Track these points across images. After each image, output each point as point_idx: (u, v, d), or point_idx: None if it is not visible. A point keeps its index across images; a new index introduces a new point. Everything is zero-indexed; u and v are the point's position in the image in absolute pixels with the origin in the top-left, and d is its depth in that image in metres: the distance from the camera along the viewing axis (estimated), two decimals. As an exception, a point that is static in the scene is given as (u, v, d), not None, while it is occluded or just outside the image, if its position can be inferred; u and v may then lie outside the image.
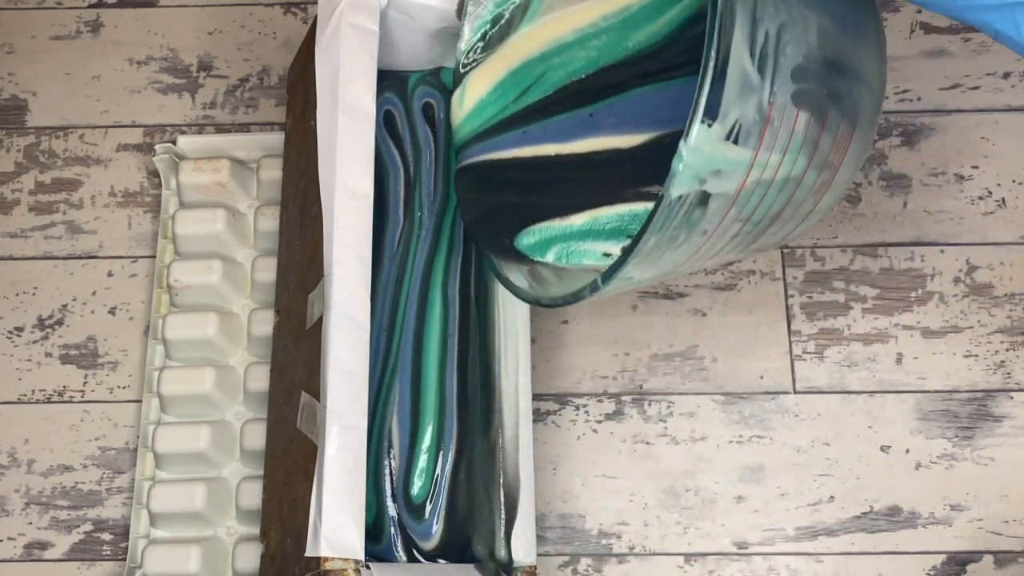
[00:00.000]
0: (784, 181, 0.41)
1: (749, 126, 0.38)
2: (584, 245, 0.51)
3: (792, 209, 0.44)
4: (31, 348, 0.63)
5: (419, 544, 0.51)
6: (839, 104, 0.42)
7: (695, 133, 0.37)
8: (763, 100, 0.38)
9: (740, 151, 0.39)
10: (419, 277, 0.55)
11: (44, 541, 0.60)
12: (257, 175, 0.64)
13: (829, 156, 0.43)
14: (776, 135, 0.39)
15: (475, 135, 0.55)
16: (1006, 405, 0.60)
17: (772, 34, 0.38)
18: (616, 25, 0.54)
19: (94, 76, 0.69)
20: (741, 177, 0.39)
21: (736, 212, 0.41)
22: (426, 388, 0.53)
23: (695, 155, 0.37)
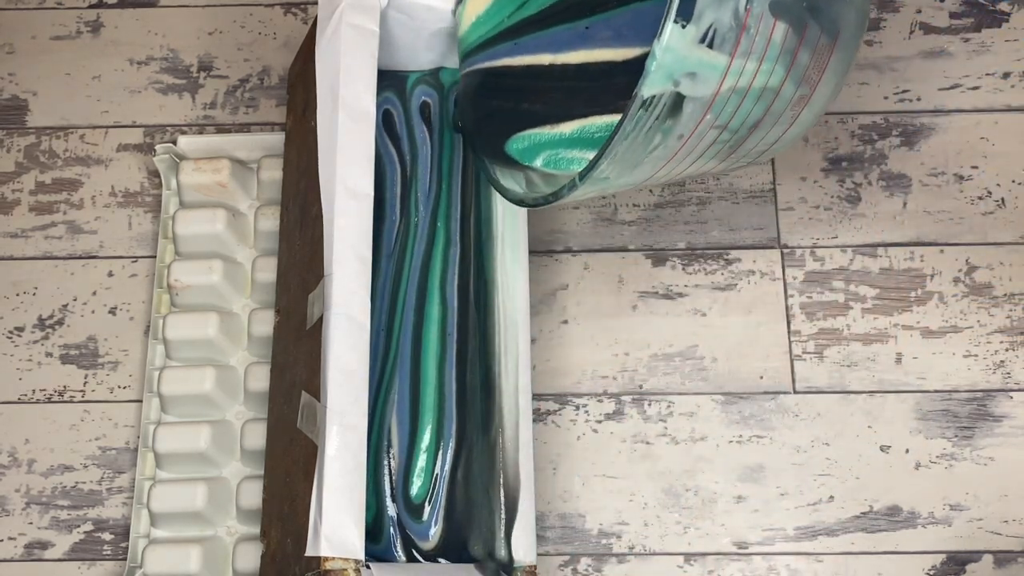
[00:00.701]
0: (761, 90, 0.42)
1: (724, 31, 0.38)
2: (572, 152, 0.51)
3: (771, 120, 0.44)
4: (31, 348, 0.63)
5: (418, 544, 0.51)
6: (819, 18, 0.42)
7: (668, 33, 0.37)
8: (739, 6, 0.39)
9: (715, 55, 0.39)
10: (417, 276, 0.55)
11: (44, 541, 0.60)
12: (257, 175, 0.64)
13: (808, 70, 0.43)
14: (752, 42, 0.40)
15: (476, 45, 0.55)
16: (1006, 405, 0.60)
17: None
18: None
19: (94, 76, 0.69)
20: (716, 82, 0.40)
21: (712, 118, 0.41)
22: (425, 387, 0.53)
23: (668, 55, 0.38)
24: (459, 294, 0.55)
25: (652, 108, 0.39)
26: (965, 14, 0.68)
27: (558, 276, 0.63)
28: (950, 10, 0.68)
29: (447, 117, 0.58)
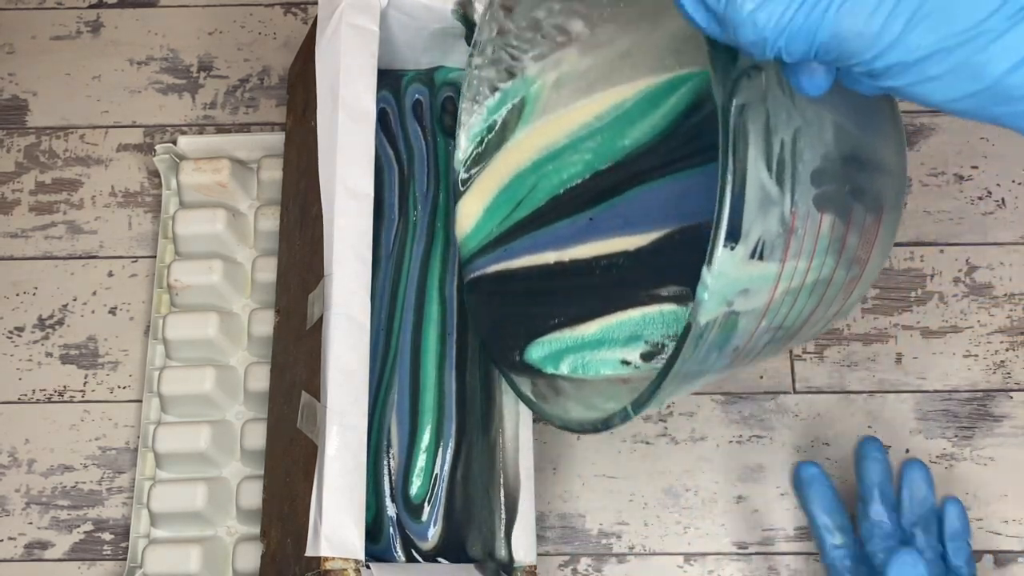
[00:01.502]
0: (814, 284, 0.40)
1: (773, 239, 0.36)
2: (599, 354, 0.49)
3: (823, 309, 0.42)
4: (31, 348, 0.63)
5: (418, 544, 0.51)
6: (862, 199, 0.40)
7: (718, 259, 0.35)
8: (785, 211, 0.36)
9: (766, 266, 0.37)
10: (416, 275, 0.55)
11: (44, 541, 0.60)
12: (257, 175, 0.64)
13: (857, 251, 0.41)
14: (802, 243, 0.38)
15: (477, 250, 0.54)
16: (1006, 405, 0.60)
17: (788, 141, 0.36)
18: (611, 124, 0.53)
19: (94, 76, 0.69)
20: (769, 291, 0.38)
21: (767, 324, 0.39)
22: (425, 387, 0.53)
23: (720, 280, 0.36)
24: (459, 294, 0.55)
25: (707, 333, 0.37)
26: (965, 14, 0.68)
27: (558, 276, 0.63)
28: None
29: (436, 115, 0.58)
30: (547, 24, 0.51)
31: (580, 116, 0.53)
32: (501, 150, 0.54)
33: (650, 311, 0.49)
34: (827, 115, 0.38)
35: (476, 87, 0.54)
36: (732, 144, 0.34)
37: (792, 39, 0.31)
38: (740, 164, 0.35)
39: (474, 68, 0.53)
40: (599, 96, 0.53)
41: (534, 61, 0.53)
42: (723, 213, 0.35)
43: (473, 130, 0.54)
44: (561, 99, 0.53)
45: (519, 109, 0.54)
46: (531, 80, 0.53)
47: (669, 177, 0.51)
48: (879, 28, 0.30)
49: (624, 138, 0.52)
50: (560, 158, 0.54)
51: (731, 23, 0.32)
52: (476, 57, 0.53)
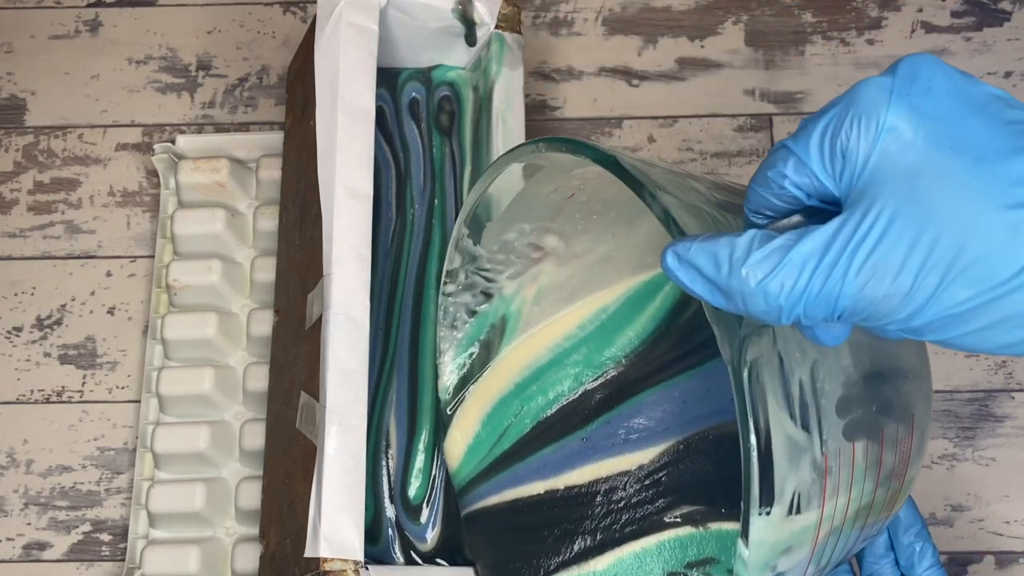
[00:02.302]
0: (856, 513, 0.37)
1: (809, 488, 0.34)
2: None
3: (868, 530, 0.39)
4: (30, 348, 0.63)
5: (416, 546, 0.51)
6: (892, 413, 0.38)
7: (755, 531, 0.32)
8: (816, 455, 0.34)
9: (805, 517, 0.34)
10: (414, 273, 0.55)
11: (43, 541, 0.59)
12: (256, 175, 0.64)
13: (895, 467, 0.38)
14: (838, 480, 0.35)
15: (468, 482, 0.51)
16: (1007, 405, 0.60)
17: (806, 380, 0.34)
18: (595, 332, 0.50)
19: (93, 76, 0.69)
20: (812, 540, 0.35)
21: (814, 569, 0.37)
22: (423, 387, 0.53)
23: (759, 551, 0.33)
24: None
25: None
26: (966, 13, 0.68)
27: (558, 276, 0.63)
28: (951, 9, 0.68)
29: (432, 113, 0.58)
30: (519, 244, 0.48)
31: (561, 328, 0.50)
32: (483, 373, 0.51)
33: (667, 536, 0.46)
34: None
35: (452, 314, 0.51)
36: (750, 406, 0.31)
37: (811, 307, 0.28)
38: (762, 422, 0.32)
39: (448, 296, 0.50)
40: (580, 304, 0.50)
41: (510, 280, 0.50)
42: (752, 481, 0.32)
43: (455, 357, 0.51)
44: (543, 311, 0.50)
45: (501, 329, 0.51)
46: (509, 298, 0.50)
47: (666, 384, 0.48)
48: (909, 287, 0.27)
49: (611, 346, 0.50)
50: (544, 376, 0.50)
51: (739, 294, 0.29)
52: (448, 285, 0.50)
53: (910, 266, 0.27)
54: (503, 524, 0.49)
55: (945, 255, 0.26)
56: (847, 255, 0.27)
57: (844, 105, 0.29)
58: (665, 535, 0.46)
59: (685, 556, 0.46)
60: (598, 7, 0.69)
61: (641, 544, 0.46)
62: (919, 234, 0.27)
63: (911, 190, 0.27)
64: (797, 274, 0.28)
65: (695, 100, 0.67)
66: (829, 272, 0.27)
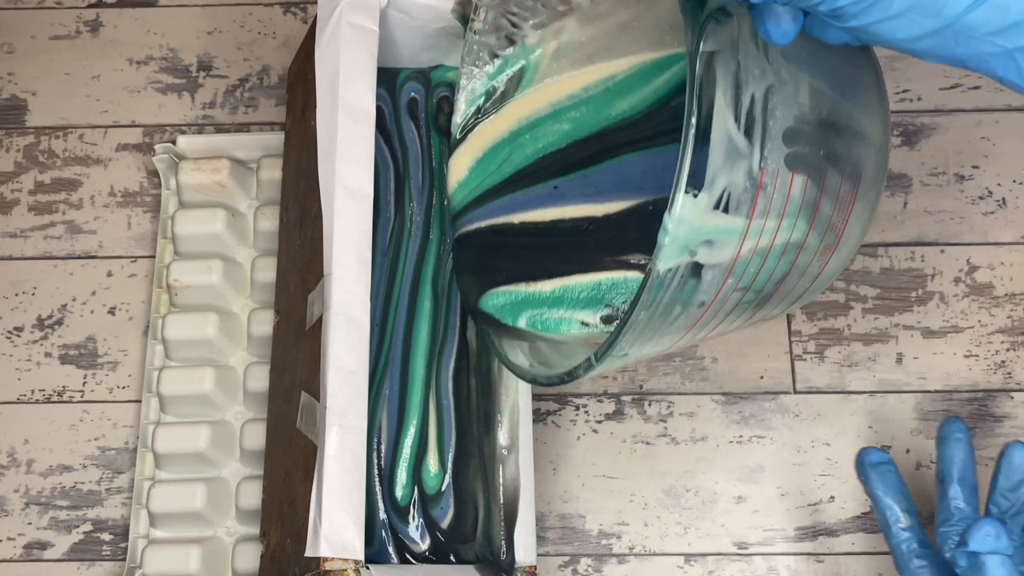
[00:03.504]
0: (784, 247, 0.40)
1: (739, 193, 0.36)
2: (557, 313, 0.49)
3: (797, 274, 0.42)
4: (31, 348, 0.63)
5: (410, 547, 0.51)
6: (838, 165, 0.40)
7: (679, 204, 0.35)
8: (753, 165, 0.37)
9: (731, 219, 0.37)
10: (410, 272, 0.55)
11: (44, 541, 0.59)
12: (257, 175, 0.64)
13: (832, 218, 0.41)
14: (770, 201, 0.38)
15: (459, 210, 0.55)
16: (1007, 405, 0.60)
17: (759, 97, 0.37)
18: (598, 96, 0.53)
19: (94, 76, 0.69)
20: (735, 246, 0.38)
21: (734, 282, 0.39)
22: (412, 385, 0.53)
23: (681, 226, 0.36)
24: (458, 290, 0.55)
25: (669, 281, 0.37)
26: (965, 14, 0.68)
27: (558, 276, 0.63)
28: (950, 10, 0.68)
29: (431, 113, 0.58)
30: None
31: (567, 87, 0.53)
32: (489, 117, 0.55)
33: (613, 276, 0.49)
34: (804, 77, 0.38)
35: (476, 52, 0.54)
36: (699, 88, 0.34)
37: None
38: (705, 108, 0.35)
39: (474, 33, 0.53)
40: (593, 68, 0.53)
41: (534, 29, 0.53)
42: (686, 157, 0.35)
43: (471, 95, 0.55)
44: (560, 68, 0.53)
45: (518, 77, 0.54)
46: (531, 48, 0.53)
47: (651, 150, 0.51)
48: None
49: (609, 109, 0.52)
50: (539, 128, 0.54)
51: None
52: (476, 22, 0.53)
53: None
54: (481, 243, 0.53)
55: None
56: None
57: None
58: (612, 274, 0.49)
59: (630, 295, 0.48)
60: (598, 7, 0.69)
61: (588, 277, 0.49)
62: None
63: None
64: None
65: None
66: None
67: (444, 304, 0.55)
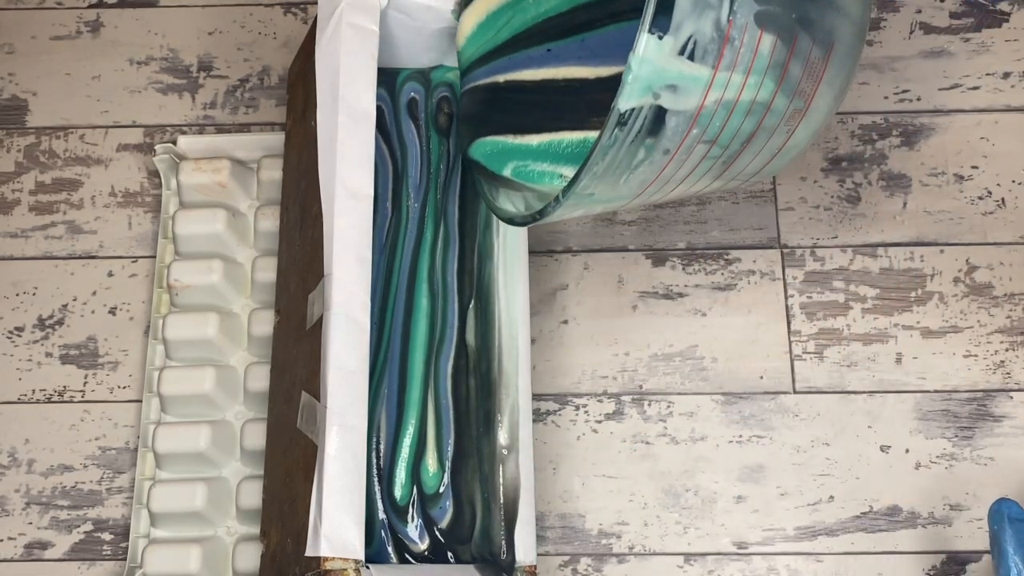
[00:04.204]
0: (750, 104, 0.40)
1: (705, 43, 0.37)
2: (540, 165, 0.51)
3: (765, 135, 0.43)
4: (31, 348, 0.63)
5: (409, 547, 0.51)
6: (810, 29, 0.41)
7: (643, 43, 0.36)
8: (721, 17, 0.37)
9: (696, 67, 0.38)
10: (407, 269, 0.55)
11: (44, 541, 0.60)
12: (257, 175, 0.64)
13: (801, 83, 0.42)
14: (737, 54, 0.38)
15: (465, 68, 0.56)
16: (1006, 405, 0.60)
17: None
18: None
19: (94, 76, 0.69)
20: (699, 95, 0.38)
21: (699, 132, 0.40)
22: (411, 382, 0.53)
23: (644, 67, 0.37)
24: (458, 291, 0.55)
25: (632, 121, 0.38)
26: (965, 14, 0.68)
27: (558, 276, 0.63)
28: (950, 10, 0.68)
29: (431, 113, 0.58)
30: None
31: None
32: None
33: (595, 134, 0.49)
34: None
35: None
36: None
37: None
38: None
39: None
40: None
41: None
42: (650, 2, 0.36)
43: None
44: None
45: None
46: None
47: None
48: None
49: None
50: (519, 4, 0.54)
51: None
52: None
53: None
54: (480, 98, 0.54)
55: None
56: None
57: None
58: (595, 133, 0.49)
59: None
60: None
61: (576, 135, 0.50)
62: None
63: None
64: None
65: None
66: None
67: (441, 302, 0.55)
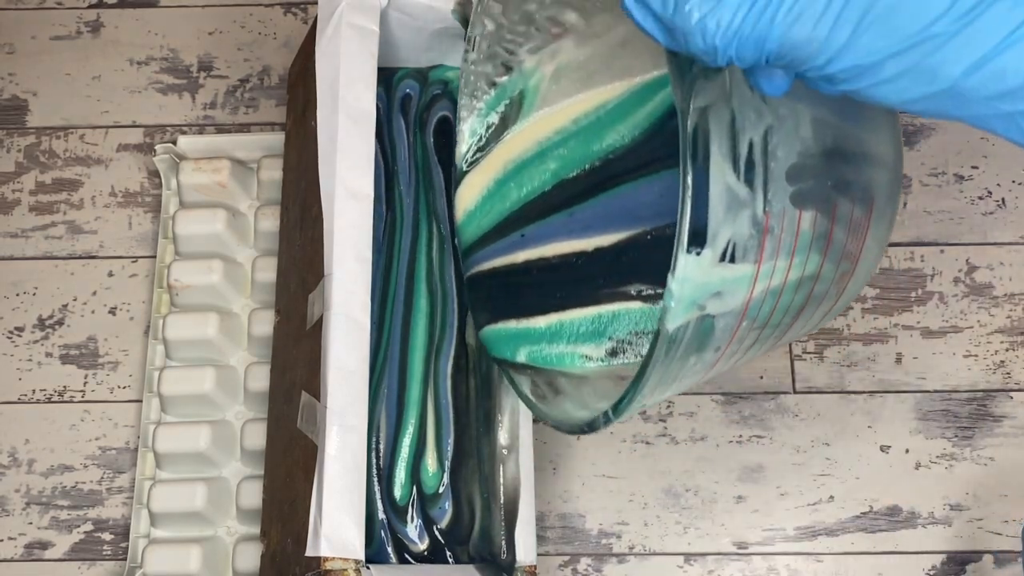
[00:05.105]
0: (798, 281, 0.38)
1: (745, 241, 0.35)
2: (556, 348, 0.49)
3: (814, 304, 0.41)
4: (31, 348, 0.63)
5: (409, 547, 0.51)
6: (848, 192, 0.39)
7: (681, 265, 0.34)
8: (757, 211, 0.35)
9: (739, 268, 0.35)
10: (404, 268, 0.55)
11: (44, 541, 0.60)
12: (257, 175, 0.64)
13: (847, 246, 0.40)
14: (779, 242, 0.36)
15: (463, 252, 0.54)
16: (1006, 405, 0.60)
17: (757, 141, 0.35)
18: (588, 127, 0.51)
19: (94, 76, 0.69)
20: (746, 291, 0.36)
21: (748, 323, 0.38)
22: (411, 382, 0.53)
23: (686, 286, 0.35)
24: (458, 291, 0.55)
25: (679, 337, 0.36)
26: (965, 14, 0.68)
27: (558, 276, 0.63)
28: (950, 10, 0.68)
29: (419, 111, 0.58)
30: (540, 16, 0.50)
31: (558, 120, 0.52)
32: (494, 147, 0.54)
33: (613, 308, 0.48)
34: (804, 109, 0.37)
35: (473, 83, 0.53)
36: (692, 148, 0.33)
37: (742, 47, 0.30)
38: (700, 169, 0.33)
39: (470, 64, 0.52)
40: (586, 96, 0.52)
41: (530, 54, 0.52)
42: (684, 220, 0.34)
43: (472, 127, 0.54)
44: (561, 90, 0.52)
45: (518, 103, 0.53)
46: (529, 72, 0.53)
47: (648, 177, 0.50)
48: (827, 33, 0.29)
49: (601, 141, 0.51)
50: (524, 171, 0.53)
51: (680, 32, 0.31)
52: (471, 53, 0.52)
53: (829, 14, 0.29)
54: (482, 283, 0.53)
55: (861, 4, 0.29)
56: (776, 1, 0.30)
57: None
58: (611, 307, 0.48)
59: (633, 326, 0.48)
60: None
61: (587, 312, 0.49)
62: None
63: None
64: (732, 14, 0.30)
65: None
66: (760, 16, 0.30)
67: (440, 301, 0.55)
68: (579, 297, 0.49)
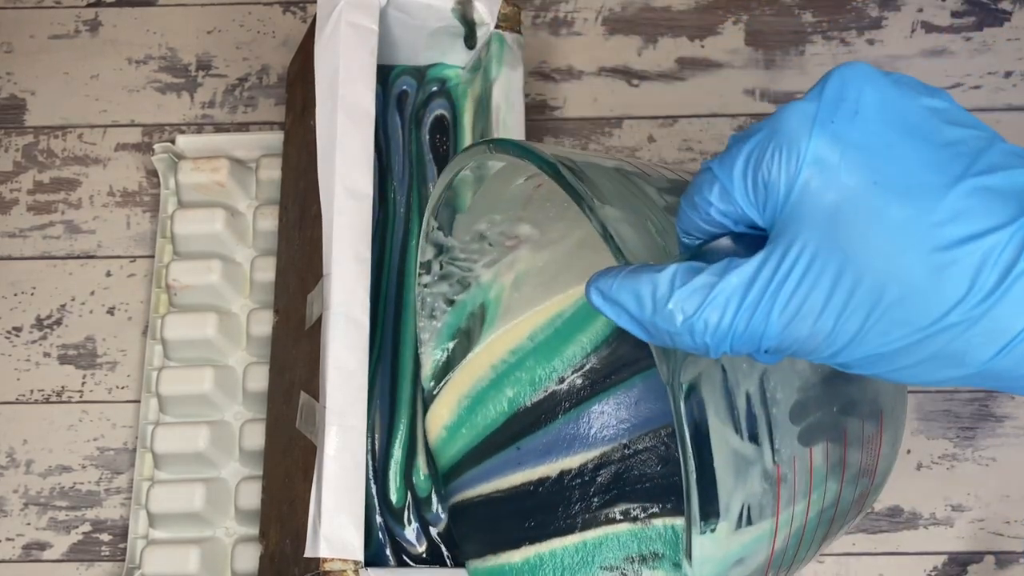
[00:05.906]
0: (819, 514, 0.36)
1: (760, 499, 0.33)
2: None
3: (839, 524, 0.39)
4: (29, 348, 0.63)
5: (407, 549, 0.51)
6: (856, 411, 0.37)
7: (697, 547, 0.31)
8: (766, 465, 0.33)
9: (757, 528, 0.33)
10: (395, 265, 0.55)
11: (43, 542, 0.59)
12: (256, 175, 0.64)
13: (862, 464, 0.37)
14: (793, 488, 0.34)
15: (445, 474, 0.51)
16: (1008, 405, 0.60)
17: (754, 392, 0.33)
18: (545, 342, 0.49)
19: (93, 75, 0.69)
20: (767, 549, 0.34)
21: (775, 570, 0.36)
22: (402, 382, 0.53)
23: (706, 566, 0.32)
24: None
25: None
26: (967, 13, 0.68)
27: (558, 276, 0.63)
28: (951, 9, 0.68)
29: (415, 108, 0.58)
30: (492, 234, 0.48)
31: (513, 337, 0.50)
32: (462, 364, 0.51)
33: (597, 534, 0.45)
34: None
35: (431, 304, 0.50)
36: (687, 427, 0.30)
37: (737, 344, 0.27)
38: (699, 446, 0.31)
39: (424, 287, 0.50)
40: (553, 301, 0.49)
41: (486, 268, 0.49)
42: (692, 502, 0.31)
43: (435, 347, 0.51)
44: (524, 297, 0.50)
45: (480, 316, 0.50)
46: (487, 286, 0.50)
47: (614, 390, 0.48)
48: (832, 327, 0.26)
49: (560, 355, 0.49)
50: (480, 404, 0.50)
51: (664, 333, 0.28)
52: (424, 276, 0.49)
53: (831, 309, 0.26)
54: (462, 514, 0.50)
55: (867, 298, 0.26)
56: (769, 295, 0.27)
57: (767, 132, 0.27)
58: (597, 532, 0.46)
59: (623, 551, 0.45)
60: (598, 7, 0.69)
61: (567, 541, 0.46)
62: (839, 276, 0.26)
63: (831, 229, 0.26)
64: (720, 313, 0.27)
65: (695, 100, 0.67)
66: (752, 312, 0.27)
67: None
68: (554, 527, 0.46)
